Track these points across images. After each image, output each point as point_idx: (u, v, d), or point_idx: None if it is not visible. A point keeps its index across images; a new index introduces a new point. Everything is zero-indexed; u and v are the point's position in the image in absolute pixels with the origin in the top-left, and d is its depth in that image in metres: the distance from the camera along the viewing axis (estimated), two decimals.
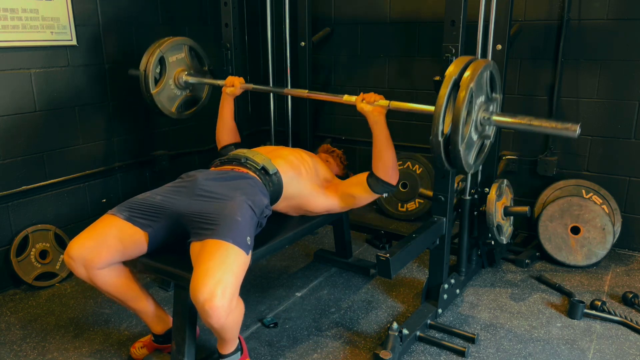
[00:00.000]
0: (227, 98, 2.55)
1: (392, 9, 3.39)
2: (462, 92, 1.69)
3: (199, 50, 2.84)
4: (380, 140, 2.11)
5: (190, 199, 1.91)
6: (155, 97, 2.69)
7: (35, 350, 2.17)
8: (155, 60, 2.65)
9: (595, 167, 3.00)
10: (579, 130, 1.66)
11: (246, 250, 1.74)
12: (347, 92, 2.27)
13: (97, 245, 1.82)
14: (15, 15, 2.49)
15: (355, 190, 2.23)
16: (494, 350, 2.14)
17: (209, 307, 1.58)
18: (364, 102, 2.10)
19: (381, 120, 2.09)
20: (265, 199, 2.02)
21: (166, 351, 2.12)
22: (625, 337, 2.23)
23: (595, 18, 2.82)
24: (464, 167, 1.82)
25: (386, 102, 2.07)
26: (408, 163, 3.47)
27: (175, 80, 2.76)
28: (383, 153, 2.12)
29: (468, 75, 1.70)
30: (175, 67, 2.75)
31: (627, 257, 2.97)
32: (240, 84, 2.51)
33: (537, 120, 1.75)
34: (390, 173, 2.15)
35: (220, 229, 1.74)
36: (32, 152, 2.65)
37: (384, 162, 2.13)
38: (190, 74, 2.79)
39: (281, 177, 2.15)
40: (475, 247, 2.74)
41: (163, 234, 1.92)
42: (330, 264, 2.90)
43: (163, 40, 2.69)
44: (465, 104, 1.68)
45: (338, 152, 2.71)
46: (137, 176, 3.17)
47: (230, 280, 1.63)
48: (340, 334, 2.26)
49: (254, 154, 2.19)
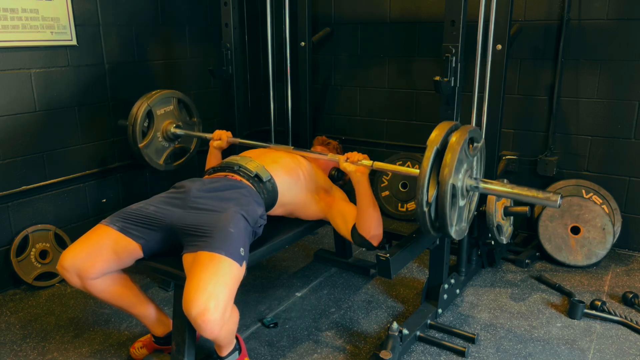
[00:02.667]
0: (214, 152, 2.52)
1: (392, 9, 3.39)
2: (445, 169, 1.70)
3: (188, 103, 2.86)
4: (363, 199, 2.08)
5: (183, 211, 1.90)
6: (142, 150, 2.71)
7: (35, 350, 2.17)
8: (143, 114, 2.66)
9: (595, 167, 3.00)
10: (560, 201, 1.69)
11: (239, 262, 1.73)
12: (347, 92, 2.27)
13: (90, 256, 1.81)
14: (15, 15, 2.49)
15: (342, 225, 2.20)
16: (494, 350, 2.14)
17: (202, 321, 1.57)
18: (347, 162, 2.10)
19: (364, 180, 2.08)
20: (260, 209, 1.99)
21: (166, 351, 2.12)
22: (625, 337, 2.23)
23: (595, 18, 2.82)
24: (452, 236, 1.84)
25: (369, 162, 2.07)
26: (408, 163, 3.47)
27: (163, 132, 2.77)
28: (365, 211, 2.09)
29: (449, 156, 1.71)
30: (163, 120, 2.76)
31: (627, 257, 2.97)
32: (227, 138, 2.50)
33: (519, 189, 1.78)
34: (372, 233, 2.10)
35: (212, 241, 1.73)
36: (32, 152, 2.65)
37: (367, 220, 2.09)
38: (179, 127, 2.80)
39: (276, 183, 2.14)
40: (475, 247, 2.74)
41: (157, 245, 1.91)
42: (330, 264, 2.90)
43: (151, 93, 2.70)
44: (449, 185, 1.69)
45: (334, 144, 2.69)
46: (137, 176, 3.17)
47: (222, 293, 1.61)
48: (340, 334, 2.26)
49: (247, 161, 2.17)
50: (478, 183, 1.84)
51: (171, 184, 2.13)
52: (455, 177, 1.73)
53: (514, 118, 3.13)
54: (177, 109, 2.81)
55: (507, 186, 1.82)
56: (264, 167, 2.15)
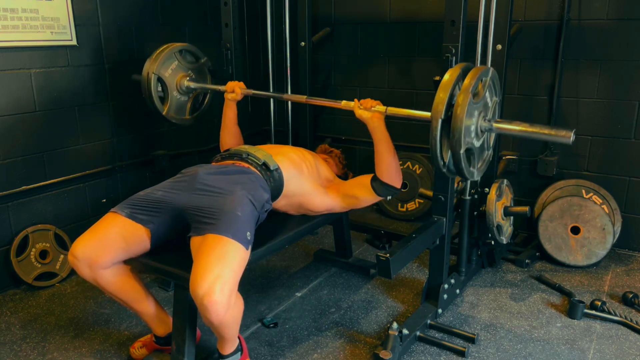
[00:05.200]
0: (229, 104, 2.56)
1: (392, 9, 3.39)
2: (461, 97, 1.68)
3: (189, 49, 2.81)
4: (381, 145, 2.11)
5: (190, 193, 1.92)
6: (167, 115, 2.73)
7: (35, 350, 2.17)
8: (154, 83, 2.65)
9: (595, 167, 3.00)
10: (574, 136, 1.69)
11: (246, 246, 1.75)
12: (347, 92, 2.28)
13: (101, 244, 1.82)
14: (15, 15, 2.49)
15: (359, 192, 2.23)
16: (494, 350, 2.14)
17: (208, 302, 1.58)
18: (361, 109, 2.10)
19: (380, 126, 2.09)
20: (266, 194, 2.02)
21: (166, 351, 2.12)
22: (625, 337, 2.23)
23: (595, 18, 2.82)
24: (474, 179, 1.85)
25: (383, 108, 2.07)
26: (408, 163, 3.47)
27: (178, 89, 2.76)
28: (385, 157, 2.12)
29: (467, 83, 1.70)
30: (174, 77, 2.75)
31: (627, 257, 2.97)
32: (241, 90, 2.52)
33: (532, 127, 1.78)
34: (394, 176, 2.15)
35: (220, 223, 1.75)
36: (32, 152, 2.65)
37: (387, 166, 2.13)
38: (192, 79, 2.79)
39: (282, 173, 2.15)
40: (475, 247, 2.74)
41: (165, 230, 1.92)
42: (330, 264, 2.90)
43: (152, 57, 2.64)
44: (465, 112, 1.67)
45: (336, 152, 2.71)
46: (137, 176, 3.17)
47: (229, 275, 1.63)
48: (340, 334, 2.26)
49: (256, 150, 2.20)
50: (491, 125, 1.83)
51: None
52: (467, 138, 1.73)
53: (514, 118, 3.09)
54: (182, 60, 2.77)
55: (519, 124, 1.81)
56: (272, 156, 2.16)
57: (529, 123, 1.80)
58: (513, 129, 1.83)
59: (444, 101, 1.71)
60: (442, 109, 1.70)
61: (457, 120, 1.67)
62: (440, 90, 1.73)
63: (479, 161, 1.91)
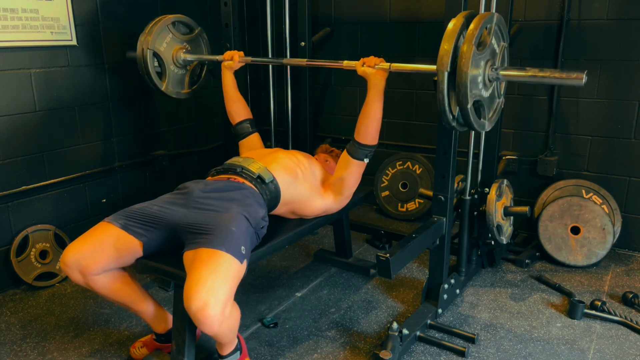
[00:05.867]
0: (227, 72, 2.58)
1: (392, 9, 3.39)
2: (464, 46, 1.63)
3: (182, 20, 2.78)
4: (374, 102, 2.13)
5: (186, 210, 1.91)
6: (167, 90, 2.71)
7: (35, 350, 2.17)
8: (150, 58, 2.64)
9: (595, 167, 3.00)
10: (586, 77, 1.65)
11: (240, 259, 1.73)
12: (347, 92, 2.27)
13: (92, 252, 1.82)
14: (15, 15, 2.49)
15: (341, 170, 2.25)
16: (494, 350, 2.14)
17: (202, 315, 1.57)
18: (365, 66, 2.12)
19: (381, 83, 2.12)
20: (262, 210, 2.00)
21: (167, 351, 2.12)
22: (625, 337, 2.23)
23: (595, 18, 2.82)
24: (485, 130, 1.81)
25: (387, 65, 2.08)
26: (408, 163, 3.47)
27: (174, 62, 2.75)
28: (372, 115, 2.14)
29: (472, 29, 1.64)
30: (170, 51, 2.73)
31: (627, 257, 2.97)
32: (240, 57, 2.52)
33: (543, 72, 1.73)
34: (372, 136, 2.18)
35: (214, 238, 1.73)
36: (32, 152, 2.65)
37: (368, 124, 2.16)
38: (188, 51, 2.78)
39: (278, 184, 2.14)
40: (475, 247, 2.74)
41: (157, 244, 1.91)
42: (330, 264, 2.90)
43: (145, 31, 2.63)
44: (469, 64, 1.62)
45: (337, 152, 2.71)
46: (137, 176, 3.17)
47: (223, 289, 1.62)
48: (340, 334, 2.26)
49: (249, 163, 2.18)
50: (498, 74, 1.80)
51: (172, 183, 2.14)
52: (475, 90, 1.69)
53: (514, 118, 3.13)
54: (176, 32, 2.75)
55: (529, 70, 1.78)
56: (266, 168, 2.15)
57: (539, 68, 1.75)
58: (522, 75, 1.79)
59: (449, 53, 1.65)
60: (447, 61, 1.64)
61: (462, 74, 1.62)
62: (444, 41, 1.68)
63: (490, 111, 1.86)
